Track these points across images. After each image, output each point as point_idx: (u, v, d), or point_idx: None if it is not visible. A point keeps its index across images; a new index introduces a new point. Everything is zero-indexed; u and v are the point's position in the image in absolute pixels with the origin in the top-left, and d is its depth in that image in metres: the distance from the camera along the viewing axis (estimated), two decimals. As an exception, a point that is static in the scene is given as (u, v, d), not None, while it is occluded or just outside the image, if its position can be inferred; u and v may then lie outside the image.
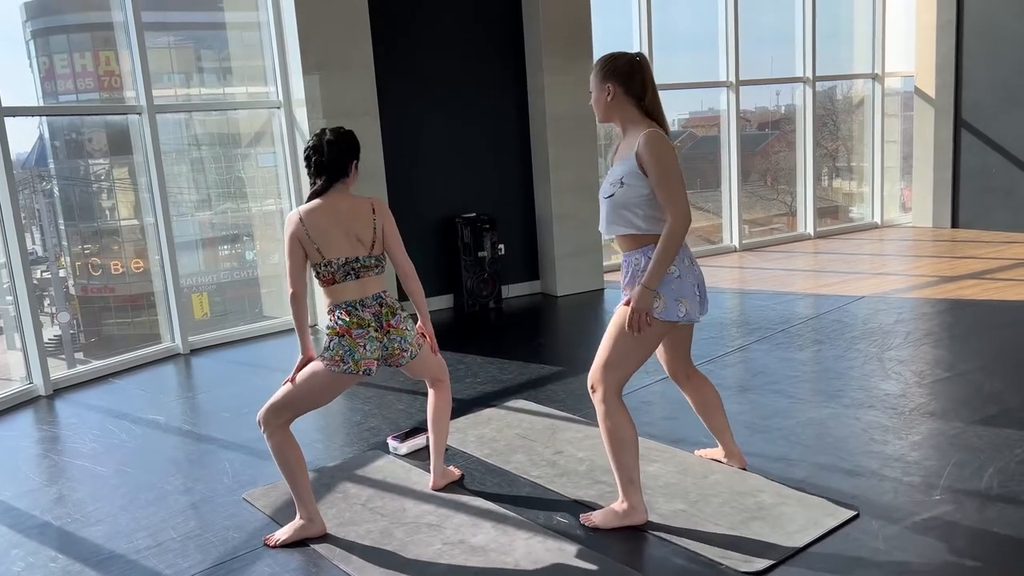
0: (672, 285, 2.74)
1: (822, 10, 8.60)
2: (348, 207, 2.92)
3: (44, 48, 6.39)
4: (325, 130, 2.95)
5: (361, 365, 2.86)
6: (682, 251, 2.77)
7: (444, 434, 3.32)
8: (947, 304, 5.80)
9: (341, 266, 2.88)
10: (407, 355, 2.99)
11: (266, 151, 6.50)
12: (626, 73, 2.75)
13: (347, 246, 2.89)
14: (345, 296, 2.90)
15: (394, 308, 2.96)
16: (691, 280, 2.79)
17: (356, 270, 2.90)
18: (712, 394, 3.22)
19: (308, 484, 2.97)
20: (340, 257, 2.88)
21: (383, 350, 2.92)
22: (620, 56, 2.79)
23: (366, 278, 2.92)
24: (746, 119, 8.94)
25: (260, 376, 5.22)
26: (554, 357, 5.26)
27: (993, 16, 8.21)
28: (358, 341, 2.86)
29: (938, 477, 3.15)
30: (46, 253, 6.58)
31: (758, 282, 7.02)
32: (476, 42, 6.67)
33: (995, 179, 8.44)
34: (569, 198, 6.90)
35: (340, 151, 2.92)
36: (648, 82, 2.77)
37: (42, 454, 4.07)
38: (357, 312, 2.89)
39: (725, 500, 3.04)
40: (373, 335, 2.89)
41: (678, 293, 2.75)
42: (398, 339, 2.94)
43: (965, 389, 4.10)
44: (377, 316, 2.91)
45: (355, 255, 2.90)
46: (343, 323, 2.87)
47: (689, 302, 2.77)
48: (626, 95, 2.76)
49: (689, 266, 2.80)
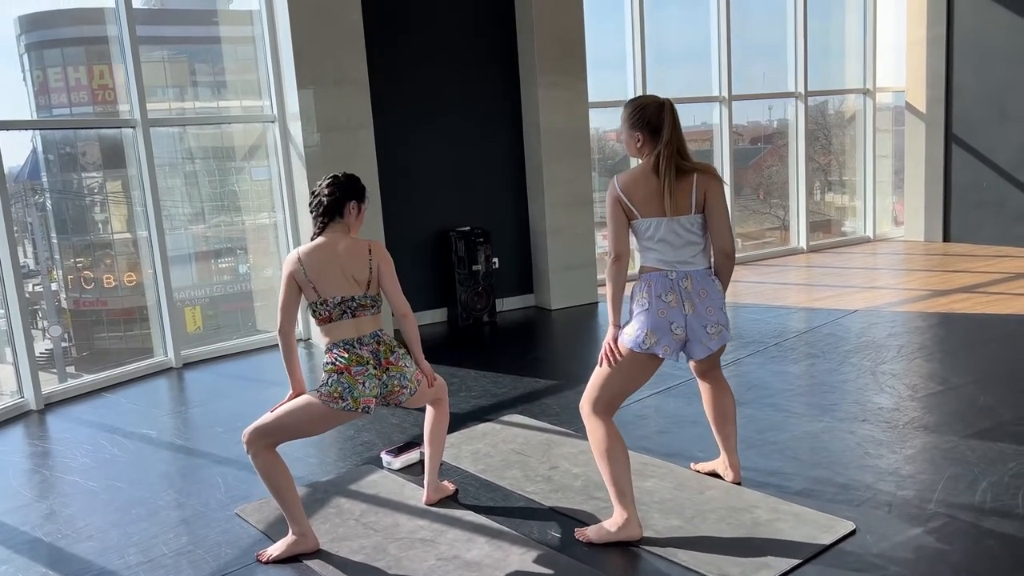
0: (641, 316, 2.86)
1: (814, 26, 8.68)
2: (346, 247, 2.97)
3: (38, 61, 6.38)
4: (333, 175, 3.06)
5: (360, 403, 2.86)
6: (660, 286, 2.87)
7: (440, 449, 3.32)
8: (939, 318, 5.82)
9: (337, 304, 2.92)
10: (407, 392, 3.00)
11: (260, 165, 6.50)
12: (654, 124, 2.86)
13: (343, 285, 2.93)
14: (342, 335, 2.92)
15: (392, 346, 2.99)
16: (668, 317, 2.84)
17: (352, 309, 2.93)
18: (730, 403, 3.25)
19: (298, 501, 2.95)
20: (336, 296, 2.92)
21: (382, 387, 2.93)
22: (649, 105, 2.88)
23: (362, 317, 2.95)
24: (738, 133, 8.99)
25: (253, 390, 5.20)
26: (548, 371, 5.25)
27: (983, 31, 8.29)
28: (357, 379, 2.86)
29: (932, 491, 3.16)
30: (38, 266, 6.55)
31: (751, 296, 7.04)
32: (471, 56, 6.70)
33: (986, 193, 8.49)
34: (563, 212, 6.92)
35: (335, 193, 3.00)
36: (665, 132, 2.84)
37: (33, 469, 4.04)
38: (355, 350, 2.90)
39: (721, 516, 3.04)
40: (372, 372, 2.90)
41: (647, 325, 2.85)
42: (397, 376, 2.96)
43: (958, 403, 4.11)
44: (375, 354, 2.93)
45: (351, 294, 2.93)
46: (343, 360, 2.88)
47: (657, 336, 2.84)
48: (652, 142, 2.87)
49: (674, 304, 2.86)
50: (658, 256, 2.89)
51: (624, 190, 2.87)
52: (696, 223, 2.89)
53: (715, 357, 3.13)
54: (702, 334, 2.90)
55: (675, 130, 2.85)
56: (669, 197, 2.83)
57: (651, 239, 2.88)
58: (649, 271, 2.91)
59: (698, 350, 2.92)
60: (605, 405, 2.93)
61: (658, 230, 2.86)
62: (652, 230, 2.87)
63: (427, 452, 3.30)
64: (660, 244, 2.88)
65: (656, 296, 2.86)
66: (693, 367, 3.22)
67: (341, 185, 3.03)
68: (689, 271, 2.89)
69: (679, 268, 2.88)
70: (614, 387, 2.92)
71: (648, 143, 2.87)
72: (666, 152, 2.83)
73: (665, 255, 2.89)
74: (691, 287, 2.88)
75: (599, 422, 2.91)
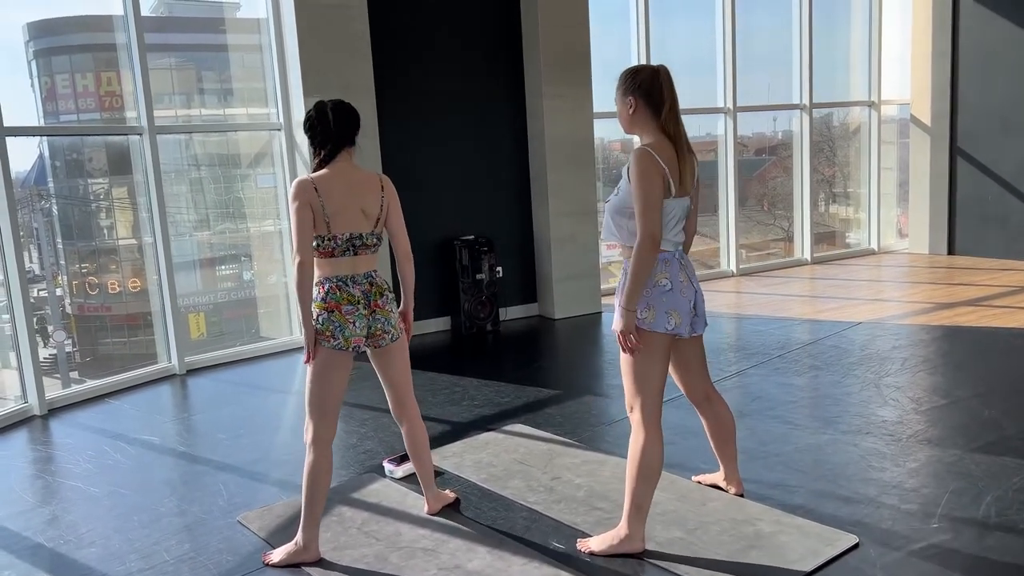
0: (663, 297, 2.76)
1: (819, 38, 8.70)
2: (359, 179, 2.91)
3: (46, 68, 6.42)
4: (324, 101, 2.94)
5: (351, 341, 2.86)
6: (675, 266, 2.79)
7: (427, 465, 3.26)
8: (944, 331, 5.81)
9: (344, 241, 2.86)
10: (388, 337, 2.97)
11: (266, 172, 6.52)
12: (647, 87, 2.75)
13: (355, 221, 2.87)
14: (338, 271, 2.88)
15: (382, 288, 2.96)
16: (687, 296, 2.80)
17: (356, 247, 2.89)
18: (728, 423, 3.21)
19: (320, 512, 2.95)
20: (346, 232, 2.86)
21: (368, 329, 2.91)
22: (643, 69, 2.78)
23: (362, 255, 2.92)
24: (743, 144, 9.00)
25: (256, 397, 5.20)
26: (552, 380, 5.25)
27: (987, 45, 8.30)
28: (348, 318, 2.86)
29: (936, 505, 3.14)
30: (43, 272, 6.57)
31: (755, 307, 7.03)
32: (476, 65, 6.72)
33: (991, 206, 8.48)
34: (567, 221, 6.93)
35: (344, 118, 2.90)
36: (666, 96, 2.74)
37: (36, 474, 4.04)
38: (347, 288, 2.88)
39: (723, 528, 3.03)
40: (362, 312, 2.89)
41: (668, 305, 2.76)
42: (382, 319, 2.94)
43: (962, 416, 4.10)
44: (367, 295, 2.91)
45: (359, 231, 2.88)
46: (334, 298, 2.86)
47: (679, 315, 2.78)
48: (647, 108, 2.76)
49: (685, 282, 2.82)
50: (671, 237, 2.80)
51: (667, 164, 2.69)
52: (688, 204, 2.84)
53: (698, 366, 3.09)
54: (703, 309, 2.90)
55: (674, 95, 2.75)
56: (689, 173, 2.74)
57: (672, 219, 2.77)
58: (662, 251, 2.78)
59: (700, 325, 2.90)
60: (654, 405, 2.82)
61: (675, 209, 2.78)
62: (672, 210, 2.76)
63: (417, 472, 3.27)
64: (675, 223, 2.80)
65: (675, 275, 2.78)
66: (685, 389, 3.16)
67: (349, 111, 2.92)
68: (683, 252, 2.88)
69: (679, 247, 2.85)
70: (654, 379, 2.81)
71: (641, 109, 2.75)
72: (671, 116, 2.72)
73: (675, 236, 2.82)
74: (687, 264, 2.86)
75: (650, 436, 2.80)
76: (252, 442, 4.29)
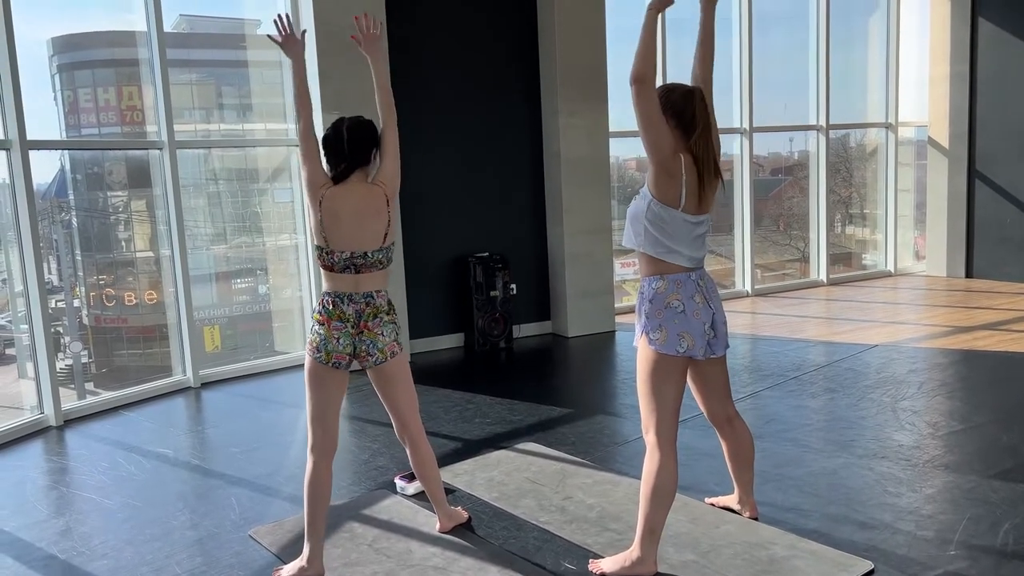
0: (676, 319, 2.76)
1: (836, 59, 8.69)
2: (367, 195, 2.92)
3: (69, 82, 6.51)
4: (342, 119, 2.99)
5: (332, 356, 2.88)
6: (690, 287, 2.78)
7: (436, 484, 3.24)
8: (961, 355, 5.76)
9: (343, 259, 2.89)
10: (371, 359, 2.93)
11: (283, 187, 6.57)
12: (679, 108, 2.76)
13: (357, 240, 2.89)
14: (338, 287, 2.92)
15: (378, 310, 2.93)
16: (701, 318, 2.79)
17: (358, 266, 2.91)
18: (748, 448, 3.18)
19: (321, 524, 2.94)
20: (345, 252, 2.89)
21: (353, 348, 2.91)
22: (676, 88, 2.80)
23: (366, 273, 2.93)
24: (759, 164, 8.99)
25: (270, 411, 5.21)
26: (564, 399, 5.23)
27: (1005, 68, 8.27)
28: (333, 333, 2.88)
29: (953, 532, 3.11)
30: (62, 283, 6.63)
31: (770, 328, 6.99)
32: (492, 83, 6.76)
33: (1009, 230, 8.42)
34: (582, 239, 6.93)
35: (359, 140, 2.94)
36: (699, 120, 2.75)
37: (50, 485, 4.06)
38: (341, 305, 2.90)
39: (736, 552, 3.00)
40: (348, 331, 2.89)
41: (680, 328, 2.76)
42: (368, 341, 2.91)
43: (980, 442, 4.05)
44: (359, 314, 2.90)
45: (362, 250, 2.90)
46: (327, 313, 2.90)
47: (692, 338, 2.77)
48: (676, 128, 2.76)
49: (701, 303, 2.80)
50: (686, 256, 2.78)
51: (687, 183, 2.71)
52: (709, 219, 2.85)
53: (718, 387, 3.07)
54: (723, 330, 2.89)
55: (708, 119, 2.76)
56: (710, 192, 2.75)
57: (682, 237, 2.76)
58: (676, 271, 2.78)
59: (719, 346, 2.90)
60: (668, 427, 2.81)
61: (691, 227, 2.77)
62: (684, 227, 2.75)
63: (426, 491, 3.26)
64: (692, 242, 2.78)
65: (688, 298, 2.77)
66: (706, 411, 3.15)
67: (366, 130, 2.96)
68: (703, 271, 2.86)
69: (699, 267, 2.84)
70: (668, 400, 2.80)
71: (675, 127, 2.74)
72: (702, 141, 2.73)
73: (694, 254, 2.80)
74: (706, 285, 2.84)
75: (664, 458, 2.78)
76: (265, 456, 4.29)
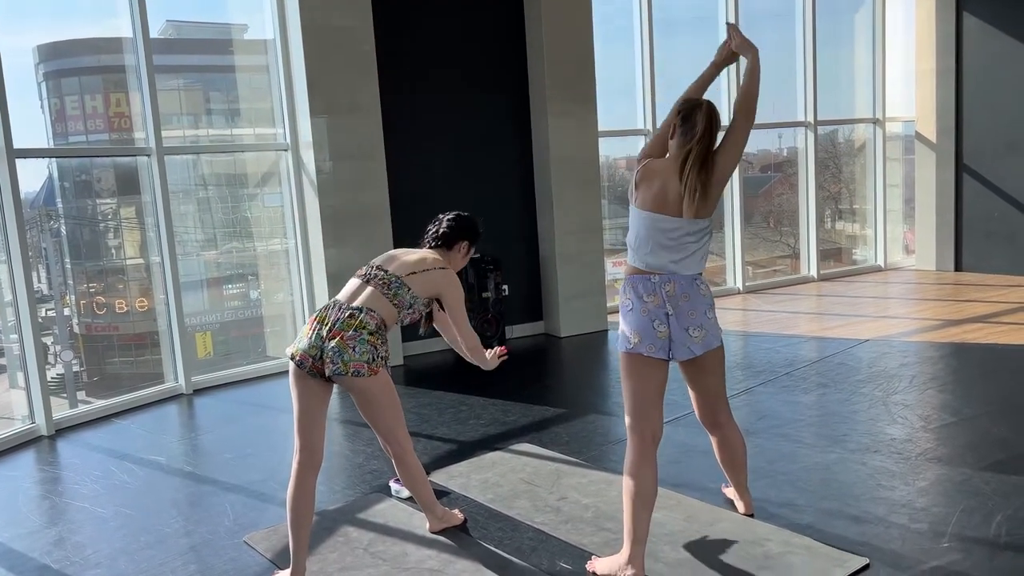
0: (627, 316, 2.89)
1: (823, 56, 8.72)
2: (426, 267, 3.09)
3: (56, 90, 6.48)
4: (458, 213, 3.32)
5: (297, 355, 2.89)
6: (641, 287, 2.85)
7: (425, 492, 3.23)
8: (952, 348, 5.79)
9: (369, 269, 3.04)
10: (330, 368, 2.83)
11: (273, 192, 6.56)
12: (685, 114, 2.89)
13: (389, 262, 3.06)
14: (340, 292, 3.02)
15: (359, 325, 2.86)
16: (650, 316, 2.81)
17: (370, 277, 2.99)
18: (739, 452, 3.20)
19: (302, 527, 2.89)
20: (374, 264, 3.06)
21: (320, 352, 2.85)
22: (690, 100, 2.95)
23: (370, 288, 2.96)
24: (748, 161, 9.01)
25: (263, 416, 5.20)
26: (558, 399, 5.24)
27: (991, 63, 8.32)
28: (306, 331, 2.91)
29: (946, 524, 3.12)
30: (51, 291, 6.60)
31: (762, 324, 7.02)
32: (481, 84, 6.76)
33: (997, 223, 8.47)
34: (573, 239, 6.93)
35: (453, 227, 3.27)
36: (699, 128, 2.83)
37: (43, 495, 4.04)
38: (328, 309, 2.94)
39: (732, 549, 3.01)
40: (320, 333, 2.87)
41: (631, 326, 2.86)
42: (334, 350, 2.82)
43: (972, 434, 4.07)
44: (337, 321, 2.87)
45: (385, 267, 3.03)
46: (315, 312, 2.97)
47: (641, 335, 2.82)
48: (680, 135, 2.89)
49: (654, 305, 2.82)
50: (645, 258, 2.85)
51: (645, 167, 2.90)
52: (699, 227, 2.83)
53: (707, 389, 3.08)
54: (684, 337, 2.85)
55: (709, 129, 2.83)
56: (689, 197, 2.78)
57: (644, 238, 2.84)
58: (631, 272, 2.90)
59: (681, 351, 2.87)
60: (639, 421, 2.84)
61: (660, 231, 2.82)
62: (648, 226, 2.83)
63: (417, 499, 3.26)
64: (652, 245, 2.83)
65: (638, 297, 2.84)
66: (698, 413, 3.17)
67: (462, 222, 3.28)
68: (674, 276, 2.83)
69: (665, 271, 2.83)
70: (630, 398, 2.88)
71: (678, 134, 2.88)
72: (697, 147, 2.81)
73: (657, 258, 2.83)
74: (674, 291, 2.82)
75: (635, 457, 2.83)
76: (258, 462, 4.28)
